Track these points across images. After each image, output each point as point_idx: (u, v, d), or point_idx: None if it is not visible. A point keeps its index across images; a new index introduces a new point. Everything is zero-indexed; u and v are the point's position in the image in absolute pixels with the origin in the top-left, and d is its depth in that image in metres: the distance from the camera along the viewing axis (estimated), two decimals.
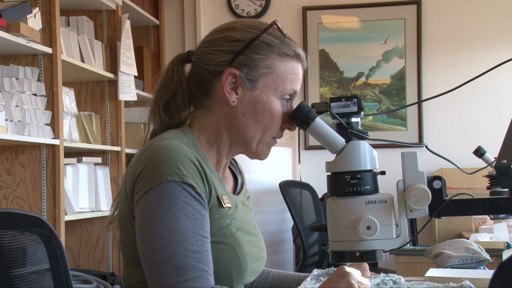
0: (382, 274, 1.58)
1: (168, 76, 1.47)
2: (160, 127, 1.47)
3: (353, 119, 1.31)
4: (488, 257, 2.29)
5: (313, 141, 4.86)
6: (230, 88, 1.42)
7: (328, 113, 1.33)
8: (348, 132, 1.29)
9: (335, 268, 1.55)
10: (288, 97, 1.43)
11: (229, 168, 1.59)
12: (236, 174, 1.60)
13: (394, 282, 1.56)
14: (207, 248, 1.29)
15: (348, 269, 1.32)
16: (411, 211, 1.25)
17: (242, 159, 1.62)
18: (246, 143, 1.44)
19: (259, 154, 1.46)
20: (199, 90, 1.45)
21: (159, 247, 1.26)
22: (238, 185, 1.57)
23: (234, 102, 1.42)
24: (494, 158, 2.41)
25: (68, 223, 3.31)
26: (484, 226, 3.58)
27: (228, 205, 1.40)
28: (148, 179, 1.30)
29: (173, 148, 1.32)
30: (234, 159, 1.64)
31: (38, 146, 3.13)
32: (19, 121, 2.94)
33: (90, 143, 3.60)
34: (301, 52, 1.45)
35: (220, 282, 1.36)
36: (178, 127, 1.47)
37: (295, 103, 1.43)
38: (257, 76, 1.41)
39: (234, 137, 1.45)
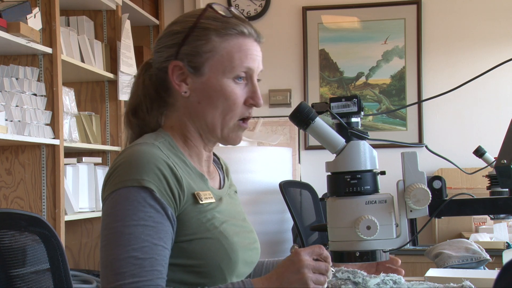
0: (382, 274, 1.58)
1: (135, 82, 1.52)
2: (134, 132, 1.50)
3: (353, 119, 1.31)
4: (488, 257, 2.30)
5: (313, 141, 4.86)
6: (179, 80, 1.44)
7: (328, 113, 1.33)
8: (348, 132, 1.29)
9: (336, 268, 1.55)
10: (243, 75, 1.43)
11: (214, 165, 1.60)
12: (218, 169, 1.60)
13: (394, 282, 1.56)
14: (154, 255, 1.28)
15: (304, 254, 1.30)
16: (411, 211, 1.25)
17: (242, 159, 1.61)
18: (210, 130, 1.45)
19: (228, 139, 1.46)
20: (161, 90, 1.48)
21: (106, 251, 1.29)
22: (221, 180, 1.58)
23: (186, 92, 1.44)
24: (494, 158, 2.41)
25: (68, 223, 3.31)
26: (484, 226, 3.58)
27: (209, 200, 1.41)
28: (110, 185, 1.34)
29: (139, 154, 1.34)
30: (216, 155, 1.65)
31: (38, 146, 3.13)
32: (19, 121, 2.94)
33: (90, 143, 3.60)
34: (246, 28, 1.43)
35: (212, 276, 1.37)
36: (154, 130, 1.49)
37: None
38: (201, 62, 1.42)
39: (199, 127, 1.46)
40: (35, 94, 3.06)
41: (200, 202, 1.38)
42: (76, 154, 3.61)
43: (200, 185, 1.42)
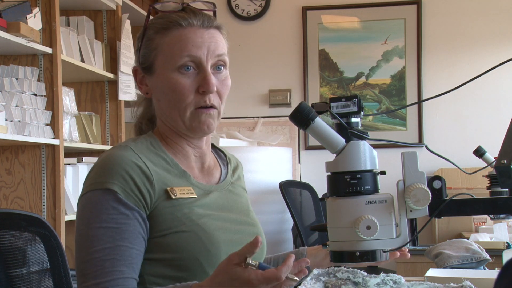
0: (382, 274, 1.58)
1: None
2: (137, 135, 1.58)
3: (353, 119, 1.31)
4: (488, 257, 2.30)
5: (313, 141, 4.86)
6: (141, 83, 1.51)
7: (328, 113, 1.32)
8: (348, 132, 1.29)
9: (336, 268, 1.55)
10: (189, 64, 1.43)
11: (217, 160, 1.62)
12: (221, 165, 1.62)
13: (394, 282, 1.56)
14: (115, 256, 1.31)
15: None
16: (411, 211, 1.25)
17: (242, 159, 1.62)
18: (175, 124, 1.48)
19: (193, 128, 1.46)
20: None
21: (75, 254, 1.35)
22: (221, 175, 1.59)
23: (148, 93, 1.51)
24: (494, 158, 2.41)
25: (68, 223, 3.31)
26: (484, 226, 3.58)
27: (187, 195, 1.42)
28: (82, 190, 1.39)
29: (107, 158, 1.39)
30: (223, 152, 1.66)
31: (38, 146, 3.13)
32: (19, 121, 2.94)
33: (90, 143, 3.60)
34: (184, 20, 1.44)
35: (190, 269, 1.38)
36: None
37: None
38: (150, 62, 1.47)
39: (168, 124, 1.49)
40: (35, 94, 3.06)
41: (173, 197, 1.40)
42: (76, 154, 3.61)
43: (179, 181, 1.44)
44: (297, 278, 1.20)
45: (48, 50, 3.14)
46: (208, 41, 1.44)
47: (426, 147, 1.38)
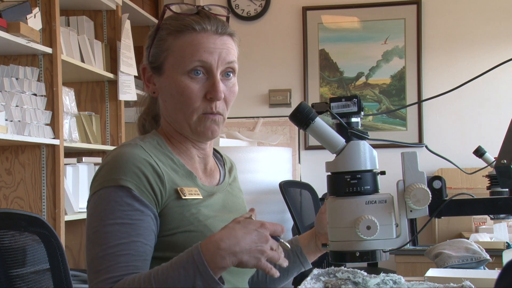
0: (382, 274, 1.58)
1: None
2: (140, 133, 1.58)
3: (353, 119, 1.31)
4: (488, 257, 2.30)
5: (313, 141, 4.86)
6: (149, 81, 1.50)
7: (328, 113, 1.32)
8: (348, 132, 1.29)
9: (336, 268, 1.55)
10: (199, 69, 1.43)
11: (216, 161, 1.63)
12: (219, 166, 1.63)
13: (394, 282, 1.56)
14: (130, 251, 1.32)
15: (268, 233, 1.29)
16: (411, 211, 1.25)
17: (242, 159, 1.62)
18: (180, 127, 1.48)
19: (197, 133, 1.47)
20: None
21: (87, 250, 1.35)
22: (220, 177, 1.61)
23: (154, 93, 1.50)
24: (494, 158, 2.41)
25: (68, 223, 3.31)
26: (484, 226, 3.58)
27: (194, 196, 1.43)
28: (92, 187, 1.39)
29: (119, 155, 1.38)
30: (219, 153, 1.68)
31: (38, 146, 3.13)
32: (19, 121, 2.94)
33: (90, 143, 3.60)
34: (198, 24, 1.44)
35: None
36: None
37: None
38: (160, 62, 1.46)
39: (174, 125, 1.49)
40: (35, 94, 3.06)
41: (183, 197, 1.41)
42: (76, 154, 3.61)
43: (186, 182, 1.45)
44: (289, 246, 1.33)
45: (48, 50, 3.14)
46: (220, 47, 1.44)
47: (426, 147, 1.38)
